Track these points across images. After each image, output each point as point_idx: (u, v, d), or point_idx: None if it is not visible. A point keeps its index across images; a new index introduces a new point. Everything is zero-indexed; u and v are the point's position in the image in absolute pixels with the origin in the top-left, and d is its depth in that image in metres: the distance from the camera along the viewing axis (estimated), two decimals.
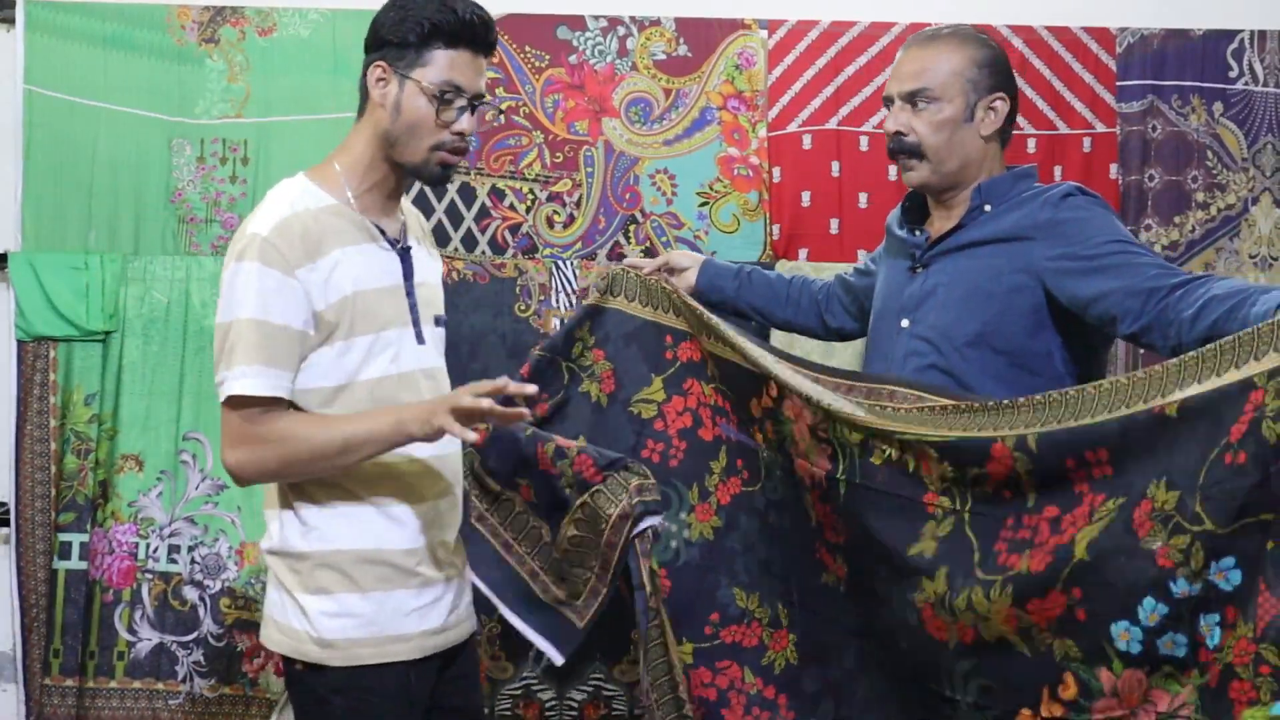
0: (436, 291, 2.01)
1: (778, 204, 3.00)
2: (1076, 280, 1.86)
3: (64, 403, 2.90)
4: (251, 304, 1.76)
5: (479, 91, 1.86)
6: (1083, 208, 1.93)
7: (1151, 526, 1.48)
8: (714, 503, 2.20)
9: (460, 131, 1.84)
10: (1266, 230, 3.03)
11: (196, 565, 2.90)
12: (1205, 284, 1.71)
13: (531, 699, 2.88)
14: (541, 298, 2.95)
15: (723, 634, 2.15)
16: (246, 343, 1.76)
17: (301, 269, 1.78)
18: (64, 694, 2.88)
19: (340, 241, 1.82)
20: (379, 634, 1.84)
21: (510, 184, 2.99)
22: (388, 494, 1.85)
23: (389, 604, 1.85)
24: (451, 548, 1.96)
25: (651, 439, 2.24)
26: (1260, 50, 3.03)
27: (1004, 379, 1.93)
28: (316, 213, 1.83)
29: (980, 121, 2.00)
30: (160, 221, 2.95)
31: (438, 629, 1.91)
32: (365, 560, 1.84)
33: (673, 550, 2.21)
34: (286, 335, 1.77)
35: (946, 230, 2.03)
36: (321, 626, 1.83)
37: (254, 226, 1.81)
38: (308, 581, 1.84)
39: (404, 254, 1.91)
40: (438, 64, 1.82)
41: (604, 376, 2.27)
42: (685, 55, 3.01)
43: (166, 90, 2.95)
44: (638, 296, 2.29)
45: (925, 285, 2.03)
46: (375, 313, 1.84)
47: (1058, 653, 1.59)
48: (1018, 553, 1.64)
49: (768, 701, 2.10)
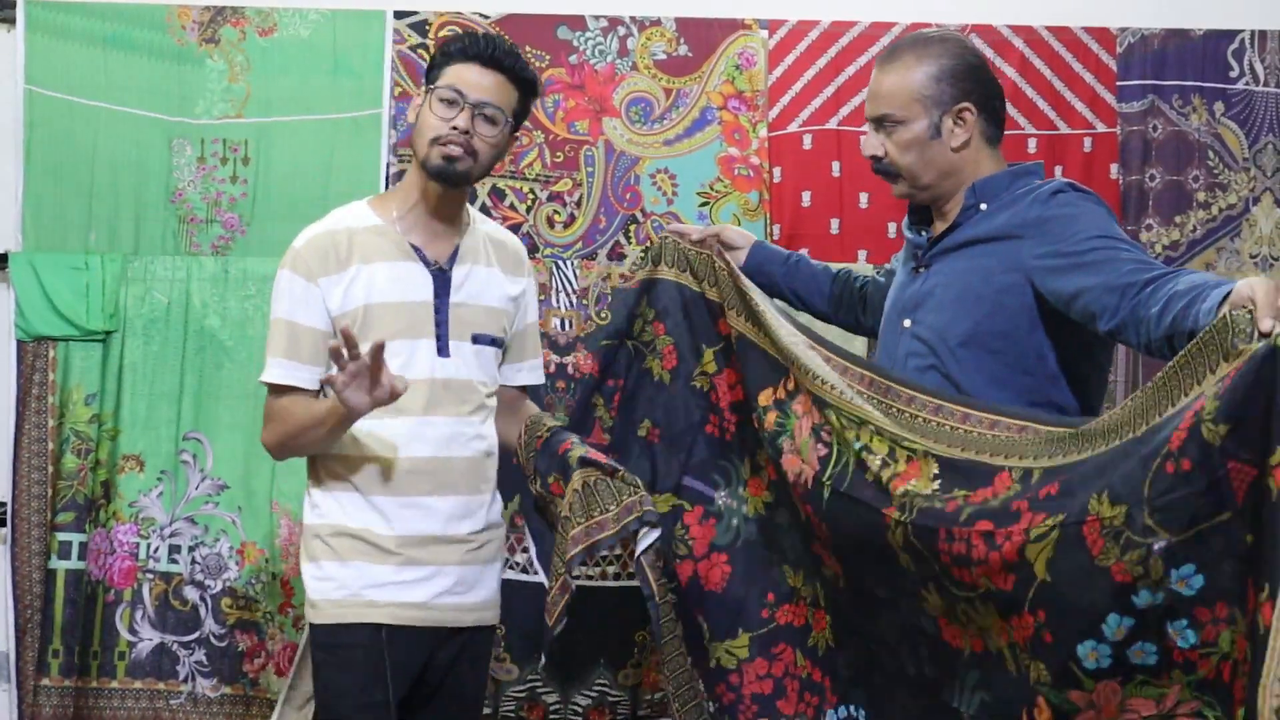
0: (488, 313, 2.15)
1: (778, 204, 3.00)
2: (1060, 277, 1.84)
3: (63, 403, 2.90)
4: (283, 305, 2.07)
5: (484, 99, 2.05)
6: (1071, 204, 1.90)
7: (1104, 545, 1.47)
8: (765, 478, 2.17)
9: (456, 126, 2.02)
10: (1267, 230, 3.03)
11: (197, 565, 2.90)
12: (1173, 279, 1.67)
13: (536, 701, 2.88)
14: (541, 298, 2.95)
15: (778, 615, 2.14)
16: (275, 338, 2.07)
17: (324, 278, 2.05)
18: (62, 694, 2.88)
19: (368, 258, 2.06)
20: (352, 598, 2.05)
21: (510, 184, 2.99)
22: (375, 487, 2.06)
23: (366, 573, 2.05)
24: (448, 542, 2.09)
25: (714, 414, 2.24)
26: (1261, 50, 3.03)
27: (998, 379, 1.91)
28: (355, 231, 2.09)
29: (949, 134, 1.97)
30: (160, 221, 2.96)
31: (419, 604, 2.06)
32: (349, 535, 2.06)
33: (734, 529, 2.20)
34: (309, 334, 2.05)
35: (944, 230, 2.03)
36: (311, 589, 2.08)
37: (297, 239, 2.10)
38: (308, 550, 2.10)
39: (439, 274, 2.10)
40: (446, 75, 2.06)
41: (665, 352, 2.26)
42: (686, 55, 3.01)
43: (167, 90, 2.95)
44: (689, 268, 2.27)
45: (925, 285, 2.02)
46: (390, 322, 2.04)
47: (1031, 675, 1.59)
48: (966, 569, 1.64)
49: (815, 685, 2.09)
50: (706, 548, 2.20)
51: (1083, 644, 1.50)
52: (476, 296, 2.14)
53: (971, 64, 2.00)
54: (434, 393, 2.08)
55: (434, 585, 2.07)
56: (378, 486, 2.06)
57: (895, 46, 2.06)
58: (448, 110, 2.03)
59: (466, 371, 2.11)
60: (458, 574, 2.09)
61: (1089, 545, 1.48)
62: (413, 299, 2.08)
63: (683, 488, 2.24)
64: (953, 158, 1.98)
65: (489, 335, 2.15)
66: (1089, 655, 1.49)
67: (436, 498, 2.07)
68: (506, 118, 2.08)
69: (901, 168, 2.00)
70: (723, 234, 2.33)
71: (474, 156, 2.05)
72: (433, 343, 2.08)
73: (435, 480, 2.07)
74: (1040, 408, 1.84)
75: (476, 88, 2.04)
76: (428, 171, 2.05)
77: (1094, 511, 1.48)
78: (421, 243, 2.10)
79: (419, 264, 2.09)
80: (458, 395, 2.10)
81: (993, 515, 1.61)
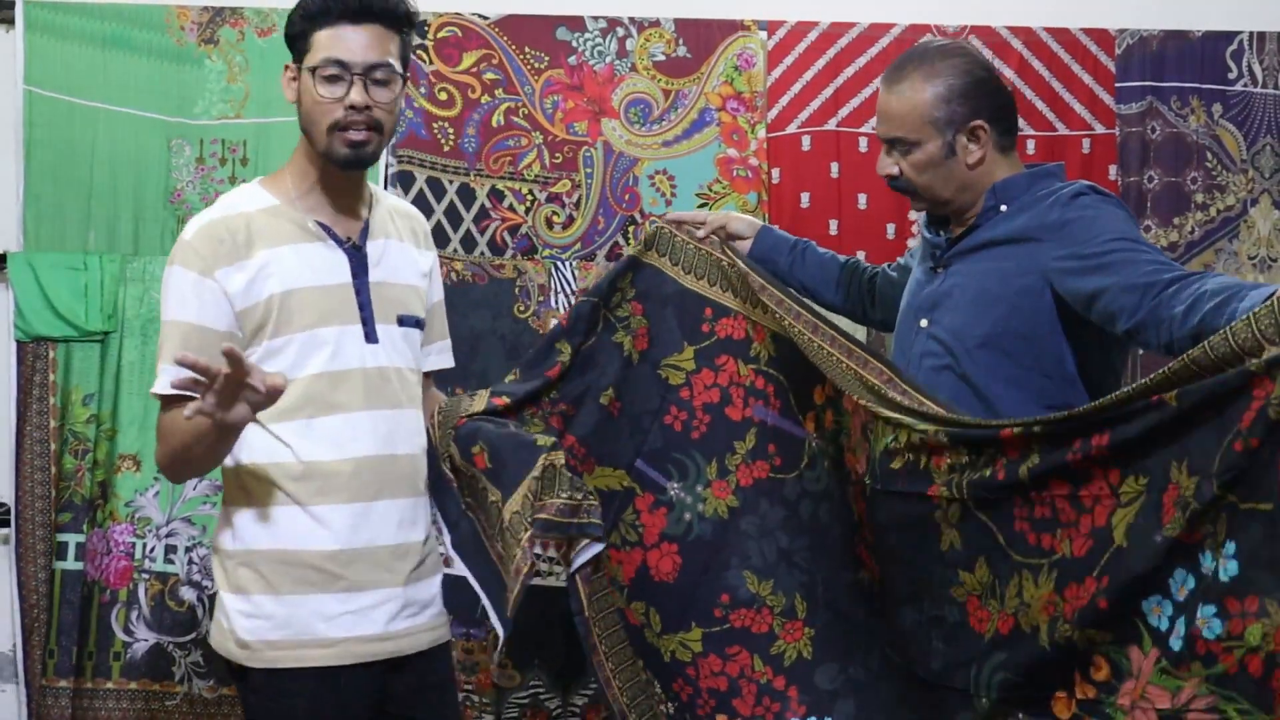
0: (407, 291, 1.97)
1: (777, 205, 3.00)
2: (1079, 278, 1.84)
3: (63, 403, 2.90)
4: (173, 306, 1.81)
5: (370, 62, 1.81)
6: (1090, 206, 1.89)
7: (1174, 514, 1.48)
8: (733, 482, 2.16)
9: (353, 105, 1.80)
10: (1265, 231, 3.03)
11: (193, 566, 2.89)
12: (1200, 280, 1.68)
13: (539, 708, 2.88)
14: (541, 298, 2.95)
15: (732, 617, 2.12)
16: (167, 343, 1.81)
17: (220, 270, 1.80)
18: (58, 695, 2.87)
19: (272, 242, 1.83)
20: (294, 637, 1.82)
21: (509, 185, 2.99)
22: (313, 494, 1.83)
23: (306, 607, 1.82)
24: (398, 553, 1.90)
25: (675, 405, 2.20)
26: (1259, 52, 3.03)
27: (1015, 381, 1.91)
28: (252, 215, 1.85)
29: (964, 151, 1.96)
30: (159, 222, 2.96)
31: (375, 636, 1.86)
32: (282, 561, 1.82)
33: (685, 523, 2.17)
34: (204, 335, 1.78)
35: (963, 230, 2.02)
36: (239, 626, 1.83)
37: (185, 230, 1.85)
38: (231, 579, 1.85)
39: (353, 252, 1.89)
40: (318, 45, 1.82)
41: (639, 332, 2.22)
42: (684, 56, 3.01)
43: (166, 91, 2.95)
44: (681, 261, 2.23)
45: (943, 286, 2.02)
46: (309, 310, 1.84)
47: (1080, 644, 1.58)
48: (1048, 532, 1.63)
49: (778, 692, 2.07)
50: (657, 536, 2.17)
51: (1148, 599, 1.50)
52: (394, 274, 1.94)
53: (980, 78, 1.98)
54: (369, 384, 1.87)
55: (384, 611, 1.86)
56: (317, 494, 1.82)
57: (901, 63, 2.01)
58: (333, 87, 1.80)
59: (399, 358, 1.93)
60: (405, 593, 1.90)
61: (1162, 514, 1.49)
62: (329, 281, 1.86)
63: (635, 470, 2.19)
64: (969, 174, 1.97)
65: (413, 316, 1.97)
66: (1153, 610, 1.50)
67: (385, 501, 1.88)
68: (398, 71, 1.85)
69: (919, 187, 1.99)
70: (729, 225, 2.26)
71: (379, 130, 1.83)
72: (359, 328, 1.87)
73: (381, 482, 1.87)
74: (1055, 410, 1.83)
75: (359, 53, 1.80)
76: (334, 163, 1.84)
77: (1174, 480, 1.48)
78: (329, 220, 1.89)
79: (330, 243, 1.87)
80: (394, 385, 1.91)
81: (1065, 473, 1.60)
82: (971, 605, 1.75)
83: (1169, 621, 1.49)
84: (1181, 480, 1.48)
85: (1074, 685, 1.61)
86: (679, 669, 2.12)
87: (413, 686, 1.93)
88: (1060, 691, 1.62)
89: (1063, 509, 1.62)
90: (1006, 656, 1.69)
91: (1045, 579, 1.64)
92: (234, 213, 1.84)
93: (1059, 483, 1.61)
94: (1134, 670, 1.53)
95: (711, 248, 2.21)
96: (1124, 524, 1.54)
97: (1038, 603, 1.64)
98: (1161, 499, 1.50)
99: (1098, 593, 1.55)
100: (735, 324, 2.19)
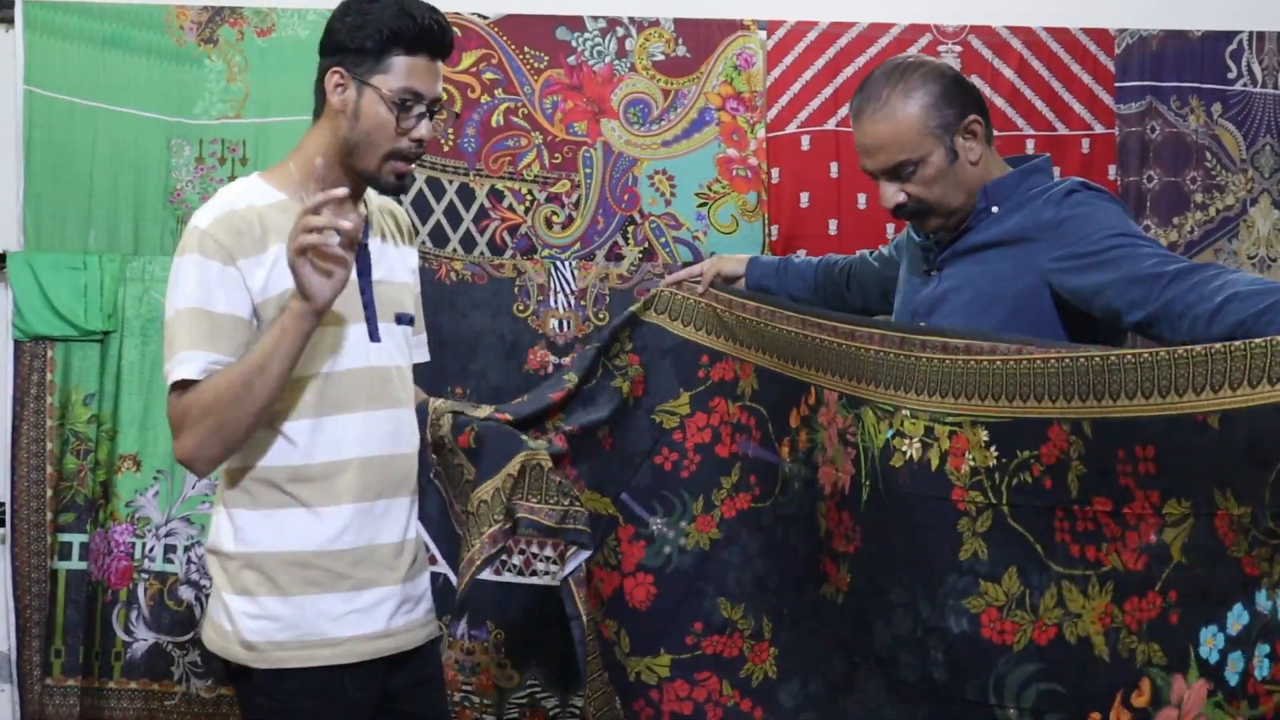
0: (402, 289, 1.98)
1: (776, 205, 3.00)
2: (1078, 276, 1.83)
3: (62, 403, 2.90)
4: (194, 295, 1.76)
5: (437, 96, 1.84)
6: (1084, 204, 1.89)
7: (1235, 538, 1.45)
8: (717, 515, 2.22)
9: (419, 139, 1.82)
10: (1265, 231, 3.03)
11: (193, 565, 2.89)
12: (1218, 277, 1.65)
13: (537, 707, 2.89)
14: (540, 298, 2.95)
15: (704, 644, 2.17)
16: (188, 330, 1.76)
17: (242, 260, 1.77)
18: (66, 694, 2.88)
19: (284, 237, 1.77)
20: (301, 638, 1.82)
21: (509, 185, 2.99)
22: (320, 495, 1.83)
23: (314, 608, 1.82)
24: (399, 551, 1.91)
25: (668, 447, 2.27)
26: (1259, 51, 3.03)
27: None
28: (262, 209, 1.81)
29: (965, 151, 1.95)
30: (159, 222, 2.96)
31: (378, 634, 1.87)
32: (289, 563, 1.82)
33: (664, 556, 2.23)
34: (230, 322, 1.77)
35: (956, 234, 2.01)
36: (244, 628, 1.82)
37: (195, 221, 1.80)
38: (234, 581, 1.83)
39: (359, 250, 1.86)
40: (397, 71, 1.80)
41: (636, 380, 2.30)
42: (684, 56, 3.01)
43: (165, 90, 2.95)
44: (680, 316, 2.32)
45: (937, 290, 2.01)
46: None
47: (1140, 658, 1.55)
48: (1092, 544, 1.61)
49: (743, 714, 2.10)
50: (634, 566, 2.23)
51: (1206, 628, 1.47)
52: (391, 271, 1.95)
53: (953, 78, 1.98)
54: (373, 383, 1.87)
55: (386, 609, 1.88)
56: (322, 495, 1.82)
57: (869, 94, 1.96)
58: (404, 117, 1.80)
59: (399, 357, 1.94)
60: (404, 590, 1.91)
61: (1221, 537, 1.46)
62: None
63: (620, 501, 2.26)
64: (973, 173, 1.96)
65: (409, 314, 1.97)
66: (1207, 641, 1.47)
67: (388, 500, 1.89)
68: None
69: (933, 202, 1.96)
70: (722, 270, 2.36)
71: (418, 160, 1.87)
72: (363, 327, 1.86)
73: (385, 481, 1.88)
74: None
75: (432, 87, 1.82)
76: (375, 187, 1.85)
77: (1222, 506, 1.46)
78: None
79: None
80: (395, 384, 1.92)
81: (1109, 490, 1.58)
82: (988, 617, 1.72)
83: (1219, 655, 1.46)
84: (1230, 507, 1.45)
85: (1110, 708, 1.58)
86: (642, 690, 2.17)
87: (410, 682, 1.95)
88: (1095, 712, 1.60)
89: (1105, 524, 1.59)
90: (1044, 668, 1.66)
91: (1097, 591, 1.61)
92: (243, 204, 1.81)
93: (1101, 499, 1.59)
94: (1173, 699, 1.51)
95: (712, 300, 2.29)
96: (1178, 542, 1.51)
97: (1090, 614, 1.62)
98: (1212, 523, 1.47)
99: (1168, 606, 1.53)
100: (726, 367, 2.26)
